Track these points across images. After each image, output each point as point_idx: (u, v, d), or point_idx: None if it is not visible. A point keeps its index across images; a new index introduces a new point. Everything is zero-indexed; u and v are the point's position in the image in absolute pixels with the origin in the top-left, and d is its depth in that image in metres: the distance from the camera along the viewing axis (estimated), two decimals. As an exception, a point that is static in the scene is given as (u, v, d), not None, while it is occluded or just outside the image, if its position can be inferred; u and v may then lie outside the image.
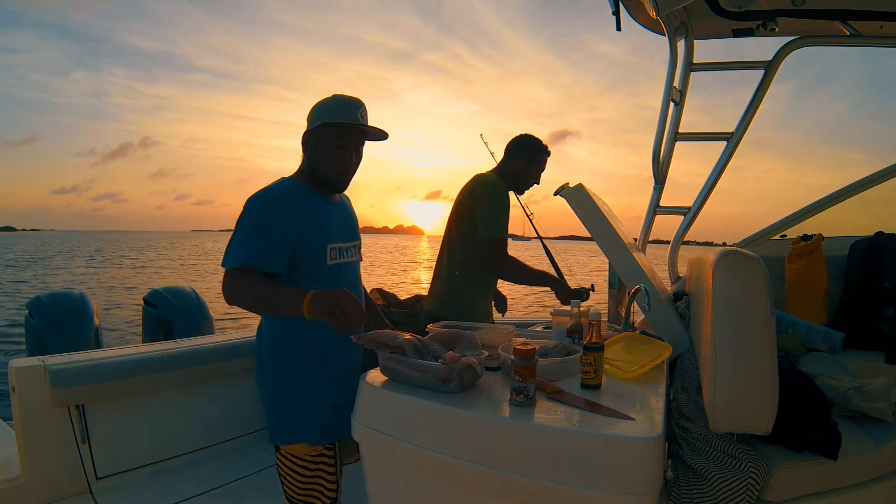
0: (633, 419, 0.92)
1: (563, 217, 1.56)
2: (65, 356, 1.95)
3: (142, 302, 3.02)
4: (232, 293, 1.17)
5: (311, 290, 1.10)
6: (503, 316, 2.26)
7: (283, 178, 1.31)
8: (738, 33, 2.13)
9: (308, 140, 1.29)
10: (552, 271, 2.16)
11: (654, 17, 1.79)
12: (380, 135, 1.32)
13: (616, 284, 2.14)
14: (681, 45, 2.21)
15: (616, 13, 1.93)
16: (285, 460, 1.30)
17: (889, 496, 1.26)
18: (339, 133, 1.25)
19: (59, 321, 2.69)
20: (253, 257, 1.16)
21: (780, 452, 1.20)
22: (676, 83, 2.28)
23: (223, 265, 1.18)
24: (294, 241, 1.20)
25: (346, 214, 1.39)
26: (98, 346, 2.72)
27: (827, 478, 1.20)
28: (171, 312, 2.89)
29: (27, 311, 2.73)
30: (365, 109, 1.28)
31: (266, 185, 1.27)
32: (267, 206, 1.20)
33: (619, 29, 1.97)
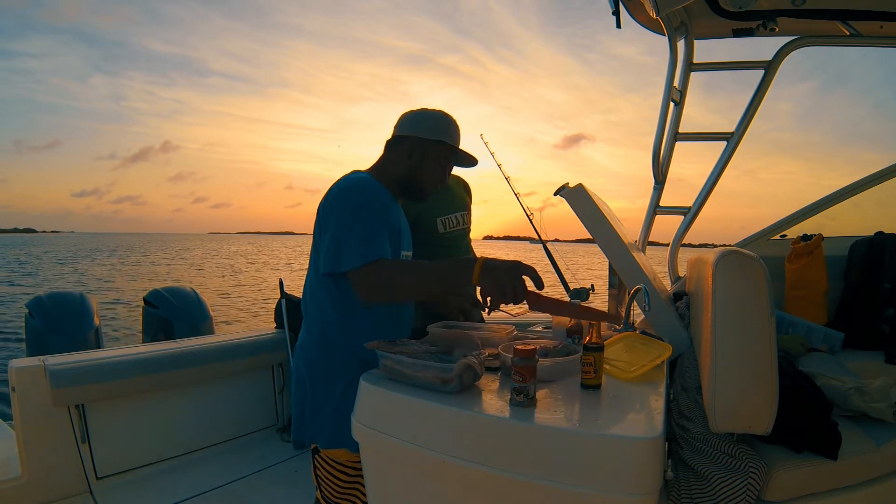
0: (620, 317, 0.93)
1: (576, 219, 1.55)
2: (65, 356, 1.95)
3: (142, 302, 3.02)
4: (387, 282, 1.12)
5: (480, 258, 1.09)
6: (489, 315, 2.20)
7: (357, 171, 1.31)
8: (738, 33, 2.13)
9: (415, 147, 1.30)
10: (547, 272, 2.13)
11: (654, 17, 1.79)
12: (470, 161, 1.41)
13: (616, 284, 2.13)
14: (681, 45, 2.21)
15: (616, 13, 1.93)
16: (324, 463, 1.28)
17: (889, 496, 1.26)
18: (448, 153, 1.34)
19: (59, 321, 2.70)
20: (382, 248, 1.15)
21: (780, 452, 1.20)
22: (676, 83, 2.28)
23: (352, 264, 1.12)
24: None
25: (406, 223, 1.39)
26: (98, 346, 2.72)
27: (827, 478, 1.20)
28: (171, 312, 2.89)
29: (27, 311, 2.73)
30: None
31: (340, 178, 1.25)
32: (372, 197, 1.20)
33: (618, 26, 1.97)
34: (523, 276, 1.08)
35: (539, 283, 1.10)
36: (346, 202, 1.18)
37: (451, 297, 1.62)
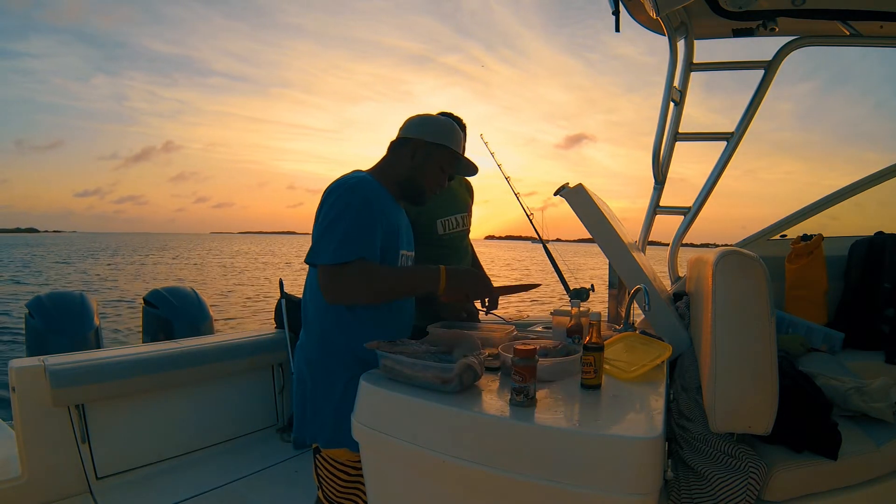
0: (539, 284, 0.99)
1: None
2: (65, 356, 1.95)
3: (142, 302, 3.02)
4: (360, 284, 1.15)
5: (442, 266, 1.22)
6: (487, 314, 2.18)
7: (358, 171, 1.31)
8: (738, 33, 2.13)
9: (417, 150, 1.31)
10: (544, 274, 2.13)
11: (654, 17, 1.79)
12: (471, 169, 1.46)
13: (616, 284, 2.13)
14: (681, 45, 2.21)
15: (616, 13, 1.93)
16: (325, 463, 1.28)
17: (889, 496, 1.26)
18: (451, 159, 1.36)
19: (59, 321, 2.69)
20: (364, 248, 1.16)
21: (780, 452, 1.20)
22: (676, 83, 2.28)
23: (324, 260, 1.14)
24: (380, 240, 1.22)
25: (407, 224, 1.40)
26: (98, 346, 2.72)
27: (827, 478, 1.20)
28: (171, 312, 2.89)
29: (27, 311, 2.73)
30: None
31: (340, 177, 1.26)
32: (366, 197, 1.21)
33: (617, 30, 1.97)
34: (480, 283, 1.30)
35: (491, 307, 1.39)
36: (334, 200, 1.19)
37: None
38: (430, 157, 1.32)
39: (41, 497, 1.81)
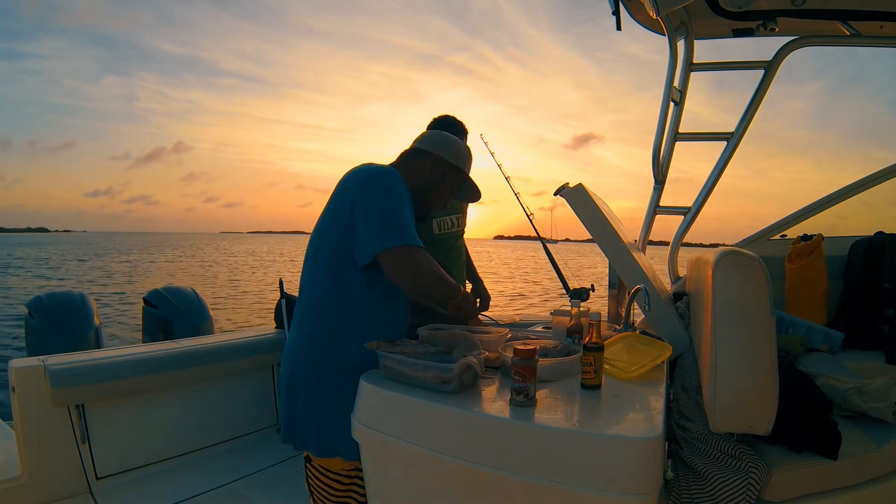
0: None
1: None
2: (65, 356, 1.95)
3: (142, 302, 3.02)
4: (427, 269, 1.17)
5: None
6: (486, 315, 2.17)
7: (374, 164, 1.31)
8: (738, 33, 2.13)
9: (435, 166, 1.34)
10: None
11: (654, 17, 1.79)
12: (474, 196, 1.48)
13: (616, 284, 2.13)
14: (681, 45, 2.21)
15: (616, 13, 1.93)
16: (317, 472, 1.26)
17: (889, 496, 1.26)
18: (461, 182, 1.40)
19: (59, 321, 2.69)
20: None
21: (780, 452, 1.20)
22: (676, 83, 2.28)
23: (402, 241, 1.14)
24: None
25: None
26: (98, 346, 2.72)
27: (827, 478, 1.20)
28: (171, 312, 2.89)
29: (27, 311, 2.73)
30: None
31: (367, 165, 1.28)
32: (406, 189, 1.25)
33: (619, 28, 1.97)
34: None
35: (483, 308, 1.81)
36: (388, 187, 1.19)
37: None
38: (447, 177, 1.36)
39: (41, 497, 1.81)
